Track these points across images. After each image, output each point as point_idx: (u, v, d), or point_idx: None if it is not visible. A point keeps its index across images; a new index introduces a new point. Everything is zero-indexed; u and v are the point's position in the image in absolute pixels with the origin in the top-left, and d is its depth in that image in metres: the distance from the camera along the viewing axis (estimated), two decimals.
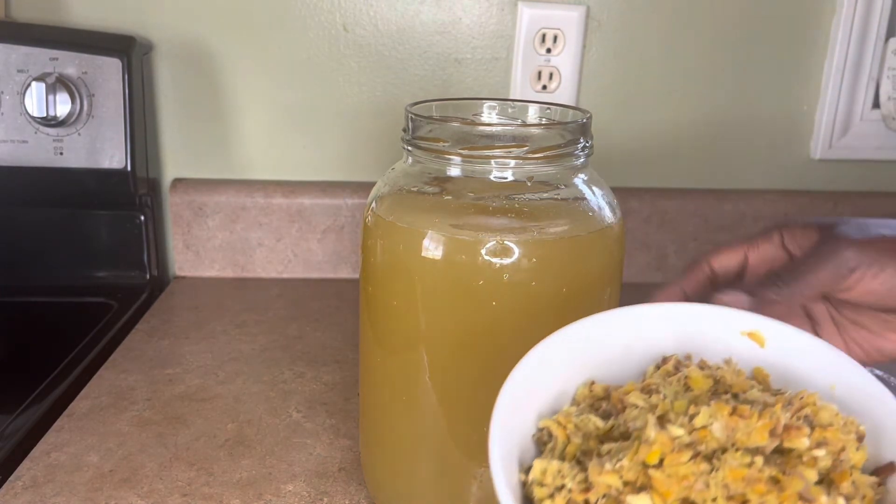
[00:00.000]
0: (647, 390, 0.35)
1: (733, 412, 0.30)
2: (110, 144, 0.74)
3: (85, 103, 0.73)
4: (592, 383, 0.37)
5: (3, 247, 0.77)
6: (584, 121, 0.42)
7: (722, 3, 0.82)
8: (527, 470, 0.32)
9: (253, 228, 0.83)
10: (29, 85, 0.70)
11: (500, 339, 0.40)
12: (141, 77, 0.76)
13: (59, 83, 0.71)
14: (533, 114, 0.47)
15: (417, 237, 0.40)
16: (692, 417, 0.31)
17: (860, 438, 0.32)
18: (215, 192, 0.82)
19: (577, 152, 0.41)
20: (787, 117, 0.86)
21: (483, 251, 0.39)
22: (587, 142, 0.42)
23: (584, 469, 0.31)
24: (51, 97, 0.70)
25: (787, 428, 0.30)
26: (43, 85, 0.70)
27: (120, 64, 0.73)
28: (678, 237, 0.86)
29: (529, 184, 0.41)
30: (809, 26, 0.83)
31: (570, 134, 0.41)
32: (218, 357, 0.67)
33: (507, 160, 0.40)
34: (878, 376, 0.54)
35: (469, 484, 0.44)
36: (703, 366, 0.36)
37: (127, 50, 0.73)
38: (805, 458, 0.30)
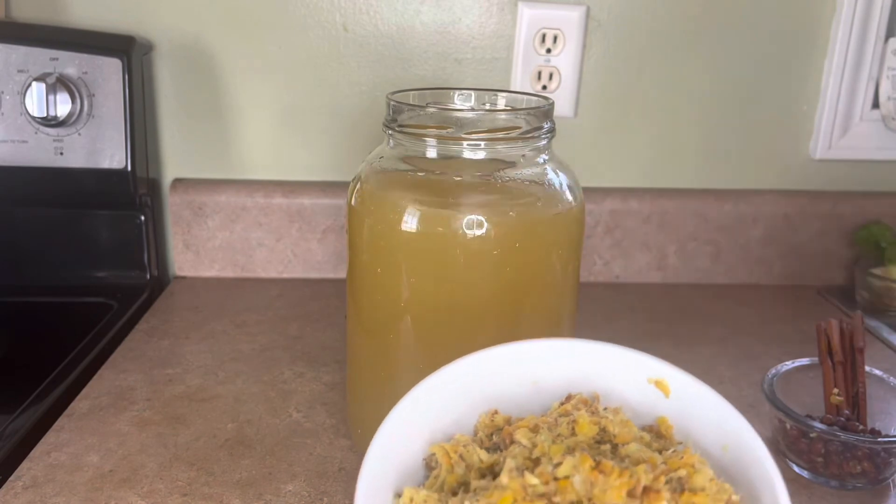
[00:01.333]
0: (536, 429, 0.35)
1: (596, 466, 0.30)
2: (110, 144, 0.74)
3: (85, 103, 0.73)
4: (495, 412, 0.37)
5: (3, 247, 0.77)
6: (547, 107, 0.47)
7: (722, 3, 0.82)
8: (400, 494, 0.32)
9: (253, 228, 0.83)
10: (29, 85, 0.70)
11: (467, 302, 0.45)
12: (141, 77, 0.76)
13: (59, 83, 0.71)
14: (503, 102, 0.52)
15: (398, 213, 0.44)
16: (557, 466, 0.31)
17: None
18: (215, 192, 0.82)
19: (540, 135, 0.46)
20: (787, 117, 0.87)
21: (456, 224, 0.43)
22: (548, 125, 0.47)
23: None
24: (51, 97, 0.70)
25: (646, 490, 0.30)
26: (43, 85, 0.70)
27: (120, 64, 0.73)
28: (678, 237, 0.87)
29: (498, 163, 0.46)
30: (809, 26, 0.83)
31: (534, 118, 0.46)
32: (218, 357, 0.67)
33: (477, 142, 0.44)
34: (877, 376, 0.54)
35: None
36: (593, 411, 0.36)
37: (127, 50, 0.73)
38: None
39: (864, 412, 0.53)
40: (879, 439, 0.49)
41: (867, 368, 0.55)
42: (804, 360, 0.57)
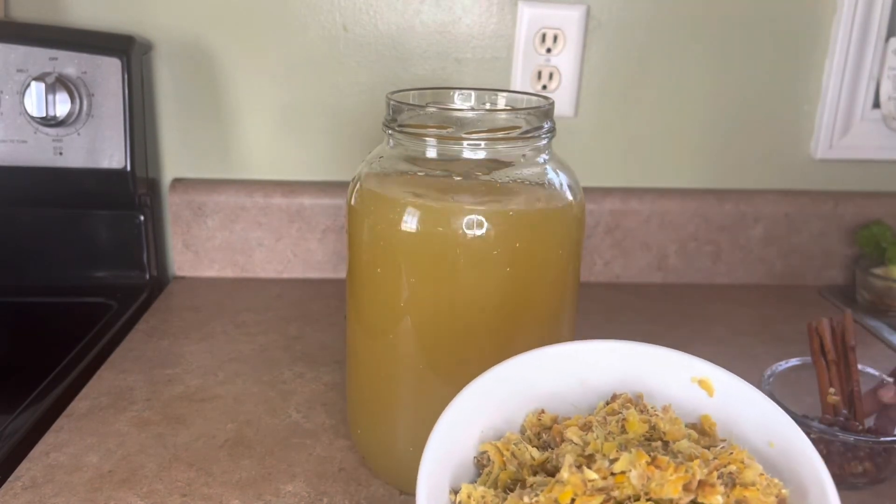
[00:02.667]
0: (586, 427, 0.36)
1: (651, 462, 0.31)
2: (110, 144, 0.74)
3: (84, 103, 0.73)
4: (542, 412, 0.38)
5: (2, 247, 0.77)
6: (547, 107, 0.46)
7: (722, 3, 0.81)
8: (457, 491, 0.33)
9: (252, 228, 0.83)
10: (28, 85, 0.70)
11: (467, 302, 0.45)
12: (140, 77, 0.76)
13: (58, 83, 0.71)
14: (503, 102, 0.52)
15: (398, 213, 0.44)
16: (613, 462, 0.31)
17: (781, 502, 0.33)
18: (215, 192, 0.82)
19: (540, 134, 0.46)
20: (788, 117, 0.86)
21: (456, 223, 0.43)
22: (549, 125, 0.46)
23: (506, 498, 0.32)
24: (50, 97, 0.70)
25: (701, 484, 0.31)
26: (42, 85, 0.70)
27: (119, 64, 0.73)
28: (678, 237, 0.86)
29: (498, 163, 0.46)
30: (810, 26, 0.83)
31: (534, 118, 0.46)
32: (218, 357, 0.67)
33: (477, 141, 0.44)
34: (870, 374, 0.54)
35: None
36: (642, 409, 0.37)
37: (126, 50, 0.73)
38: None
39: (860, 411, 0.53)
40: (882, 439, 0.49)
41: (860, 367, 0.54)
42: (797, 360, 0.57)
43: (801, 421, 0.50)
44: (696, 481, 0.31)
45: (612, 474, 0.31)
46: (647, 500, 0.30)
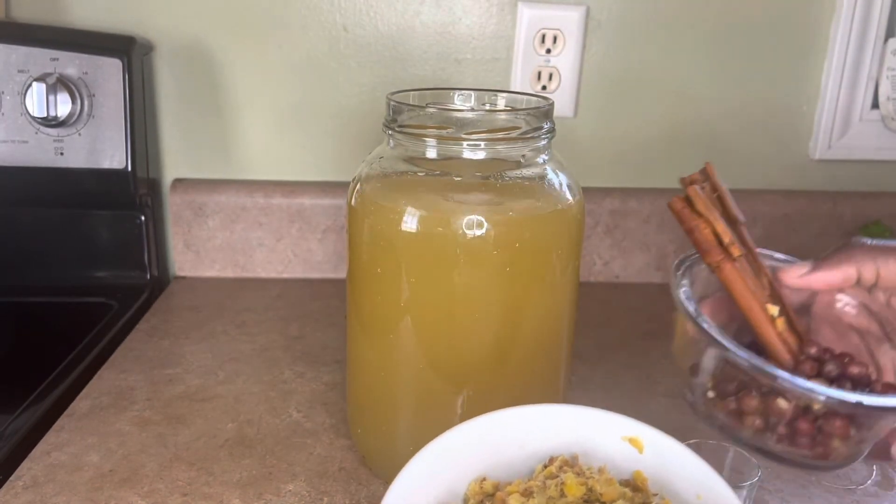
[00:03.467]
0: (527, 493, 0.37)
1: None
2: (110, 145, 0.74)
3: (85, 103, 0.73)
4: (483, 479, 0.38)
5: (3, 247, 0.77)
6: (547, 107, 0.46)
7: (722, 3, 0.82)
8: None
9: (253, 228, 0.83)
10: (29, 85, 0.70)
11: (467, 302, 0.45)
12: (141, 77, 0.76)
13: (59, 83, 0.71)
14: (503, 102, 0.52)
15: (398, 213, 0.44)
16: None
17: None
18: (215, 192, 0.82)
19: (540, 135, 0.46)
20: (787, 117, 0.87)
21: (456, 224, 0.43)
22: (548, 125, 0.46)
23: None
24: (51, 97, 0.70)
25: None
26: (43, 85, 0.70)
27: (120, 64, 0.73)
28: (678, 237, 0.86)
29: (498, 163, 0.46)
30: (809, 26, 0.83)
31: (534, 119, 0.46)
32: (218, 357, 0.67)
33: (476, 142, 0.44)
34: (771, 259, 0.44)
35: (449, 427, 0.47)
36: (579, 472, 0.38)
37: (127, 50, 0.73)
38: None
39: (797, 326, 0.38)
40: None
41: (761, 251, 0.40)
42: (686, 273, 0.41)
43: (781, 377, 0.35)
44: None
45: None
46: None
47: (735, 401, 0.38)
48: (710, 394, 0.40)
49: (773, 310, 0.39)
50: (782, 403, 0.36)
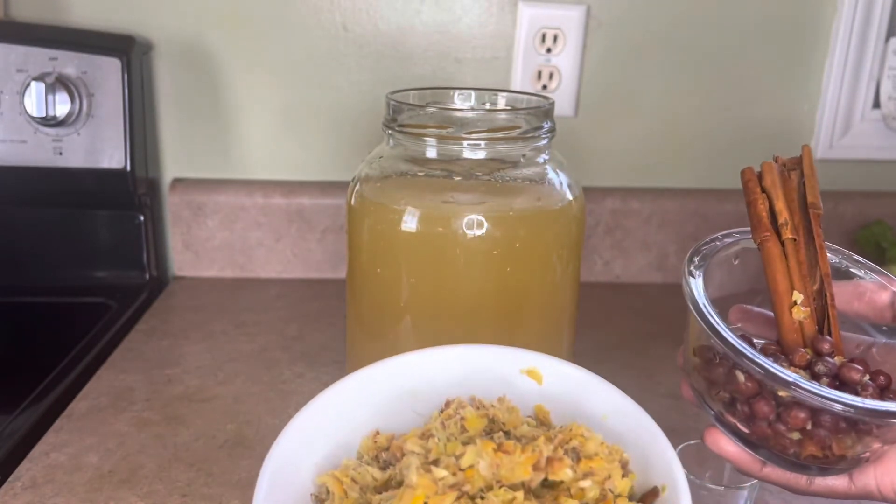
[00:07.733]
0: (426, 436, 0.35)
1: (498, 449, 0.31)
2: (109, 144, 0.74)
3: (84, 103, 0.73)
4: (377, 433, 0.37)
5: (2, 247, 0.77)
6: (547, 107, 0.46)
7: (722, 3, 0.81)
8: None
9: (252, 228, 0.83)
10: (28, 85, 0.70)
11: (467, 302, 0.45)
12: (140, 77, 0.76)
13: (58, 83, 0.71)
14: (503, 102, 0.52)
15: (398, 213, 0.44)
16: (459, 457, 0.31)
17: (624, 465, 0.33)
18: (214, 192, 0.82)
19: (540, 134, 0.46)
20: (788, 117, 0.86)
21: (456, 223, 0.43)
22: (549, 125, 0.46)
23: None
24: (50, 97, 0.70)
25: (549, 461, 0.31)
26: (42, 85, 0.70)
27: (119, 64, 0.73)
28: (678, 237, 0.86)
29: (498, 163, 0.46)
30: (810, 26, 0.83)
31: (534, 118, 0.46)
32: (217, 357, 0.67)
33: (477, 141, 0.44)
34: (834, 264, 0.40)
35: None
36: (478, 406, 0.37)
37: (126, 50, 0.73)
38: (573, 490, 0.31)
39: (836, 331, 0.35)
40: None
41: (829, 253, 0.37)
42: (728, 240, 0.40)
43: (776, 376, 0.31)
44: (545, 459, 0.31)
45: (461, 470, 0.31)
46: (500, 487, 0.30)
47: (706, 368, 0.36)
48: (696, 360, 0.37)
49: (798, 296, 0.36)
50: (739, 376, 0.33)
